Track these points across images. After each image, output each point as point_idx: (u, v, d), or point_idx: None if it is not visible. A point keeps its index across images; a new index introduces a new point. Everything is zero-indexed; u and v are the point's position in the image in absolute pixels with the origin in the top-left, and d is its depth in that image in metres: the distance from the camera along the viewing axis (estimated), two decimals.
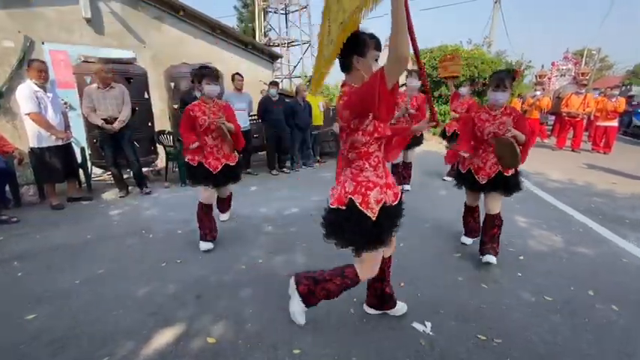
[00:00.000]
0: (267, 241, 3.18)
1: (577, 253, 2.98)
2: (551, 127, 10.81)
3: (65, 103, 5.68)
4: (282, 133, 5.97)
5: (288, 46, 20.19)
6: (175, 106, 5.06)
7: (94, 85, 4.30)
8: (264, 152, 6.64)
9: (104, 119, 4.28)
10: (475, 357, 1.78)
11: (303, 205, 4.25)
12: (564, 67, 15.45)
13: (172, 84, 5.85)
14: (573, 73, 15.76)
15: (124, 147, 4.52)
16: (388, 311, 2.08)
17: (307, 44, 20.41)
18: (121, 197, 4.48)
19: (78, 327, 2.00)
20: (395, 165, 4.63)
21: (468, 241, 3.13)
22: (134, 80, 5.03)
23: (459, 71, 5.06)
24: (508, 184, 2.59)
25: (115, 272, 2.65)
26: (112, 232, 3.44)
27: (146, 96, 5.36)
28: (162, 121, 6.58)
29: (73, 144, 4.46)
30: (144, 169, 5.10)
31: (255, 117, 6.45)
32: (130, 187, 4.75)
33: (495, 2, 15.24)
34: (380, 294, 2.03)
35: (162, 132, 5.40)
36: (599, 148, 8.18)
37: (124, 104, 4.48)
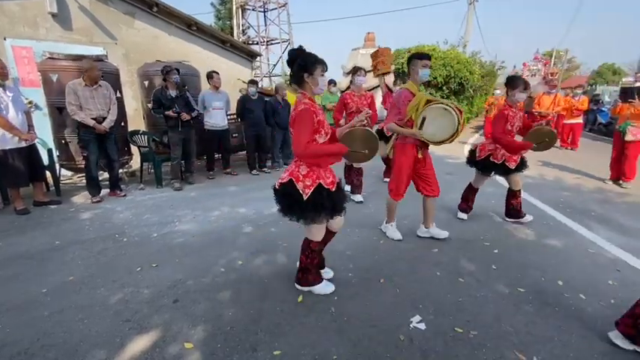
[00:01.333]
0: (246, 242, 3.14)
1: (547, 245, 3.11)
2: None
3: (30, 103, 5.38)
4: (262, 132, 5.90)
5: (267, 45, 20.00)
6: (150, 105, 4.89)
7: (78, 81, 4.06)
8: (244, 152, 6.55)
9: (93, 119, 4.09)
10: (452, 350, 1.82)
11: None
12: (535, 68, 16.12)
13: (146, 82, 5.67)
14: (543, 73, 16.47)
15: (108, 148, 4.34)
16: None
17: (287, 42, 20.28)
18: (95, 202, 4.28)
19: (45, 338, 1.90)
20: (347, 169, 4.47)
21: (465, 216, 3.73)
22: (105, 78, 4.81)
23: (389, 66, 5.00)
24: (525, 165, 3.46)
25: (86, 279, 2.53)
26: (83, 237, 3.29)
27: (118, 95, 5.14)
28: (136, 121, 6.36)
29: (38, 145, 4.23)
30: (118, 171, 4.91)
31: (234, 116, 6.35)
32: (102, 190, 4.55)
33: (470, 4, 15.68)
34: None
35: (135, 132, 5.21)
36: (567, 145, 8.64)
37: (112, 103, 4.30)
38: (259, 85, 7.99)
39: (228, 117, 6.00)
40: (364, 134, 2.34)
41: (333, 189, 2.07)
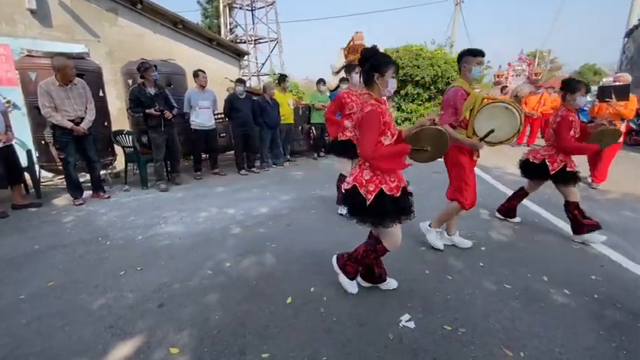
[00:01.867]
0: (234, 244, 3.09)
1: (532, 242, 3.16)
2: None
3: (8, 102, 5.18)
4: (251, 131, 5.84)
5: (255, 44, 19.83)
6: (130, 111, 4.69)
7: (51, 81, 3.87)
8: (232, 152, 6.47)
9: (71, 120, 3.93)
10: (441, 348, 1.82)
11: (272, 205, 4.18)
12: (519, 68, 16.46)
13: (130, 81, 5.53)
14: (527, 74, 16.82)
15: (87, 149, 4.20)
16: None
17: (275, 41, 20.15)
18: (77, 204, 4.15)
19: (23, 346, 1.82)
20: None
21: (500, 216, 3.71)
22: (86, 76, 4.67)
23: None
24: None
25: (67, 284, 2.44)
26: (64, 240, 3.18)
27: (101, 94, 5.01)
28: (120, 120, 6.21)
29: (16, 146, 4.08)
30: (101, 172, 4.78)
31: (221, 115, 6.27)
32: (85, 192, 4.42)
33: (456, 4, 15.90)
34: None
35: (119, 132, 5.09)
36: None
37: (88, 102, 4.16)
38: (247, 84, 7.92)
39: (216, 116, 5.92)
40: (435, 133, 2.17)
41: (398, 194, 1.99)
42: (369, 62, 1.93)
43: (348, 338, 1.89)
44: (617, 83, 5.19)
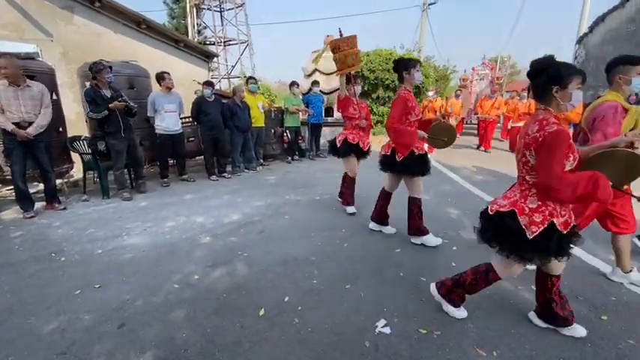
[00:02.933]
0: (204, 254, 2.94)
1: None
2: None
3: None
4: (220, 135, 5.65)
5: (225, 45, 19.43)
6: (91, 113, 4.32)
7: (1, 81, 3.57)
8: (202, 157, 6.24)
9: (15, 123, 3.60)
10: (417, 352, 1.81)
11: (244, 211, 4.05)
12: (482, 72, 17.29)
13: (88, 83, 5.17)
14: (490, 78, 17.69)
15: (39, 157, 3.85)
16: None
17: (245, 44, 19.86)
18: (28, 218, 3.80)
19: None
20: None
21: None
22: (37, 78, 4.32)
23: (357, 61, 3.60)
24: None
25: (14, 307, 2.20)
26: (12, 258, 2.89)
27: (54, 97, 4.65)
28: (78, 125, 5.82)
29: None
30: (57, 182, 4.42)
31: (189, 119, 6.04)
32: (37, 204, 4.06)
33: (423, 11, 16.42)
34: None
35: (76, 138, 4.74)
36: (515, 148, 8.95)
37: (43, 106, 3.82)
38: (216, 87, 7.70)
39: (182, 120, 5.69)
40: (631, 157, 1.77)
41: (566, 231, 1.70)
42: (547, 73, 1.66)
43: (323, 349, 1.83)
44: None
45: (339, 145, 3.88)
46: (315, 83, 7.59)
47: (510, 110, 9.04)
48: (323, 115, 7.99)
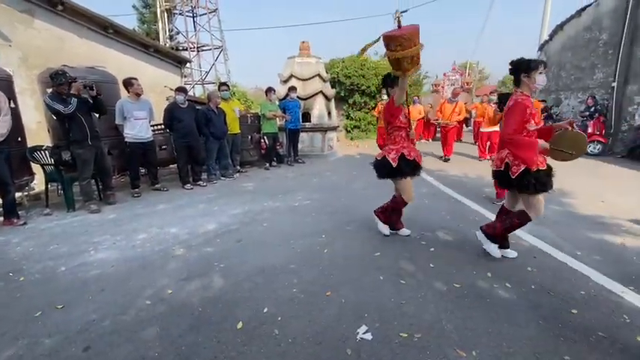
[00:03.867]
0: (177, 267, 2.81)
1: (475, 240, 3.33)
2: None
3: None
4: (194, 142, 5.50)
5: (198, 51, 19.06)
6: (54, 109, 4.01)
7: None
8: (176, 165, 6.04)
9: None
10: (398, 357, 1.80)
11: (220, 220, 3.94)
12: (453, 77, 17.96)
13: (49, 90, 4.89)
14: (461, 82, 18.39)
15: None
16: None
17: (219, 49, 19.58)
18: None
19: None
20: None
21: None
22: None
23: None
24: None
25: None
26: None
27: (12, 105, 4.35)
28: (40, 135, 5.48)
29: None
30: (16, 195, 4.12)
31: (160, 126, 5.84)
32: None
33: (395, 19, 16.87)
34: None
35: (37, 148, 4.46)
36: (484, 156, 7.80)
37: (1, 114, 3.56)
38: (190, 93, 7.51)
39: (154, 127, 5.49)
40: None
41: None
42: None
43: (304, 359, 1.78)
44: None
45: (395, 165, 3.06)
46: (292, 89, 7.57)
47: (480, 115, 8.98)
48: (300, 120, 7.96)
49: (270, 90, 7.25)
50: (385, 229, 3.42)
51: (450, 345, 1.88)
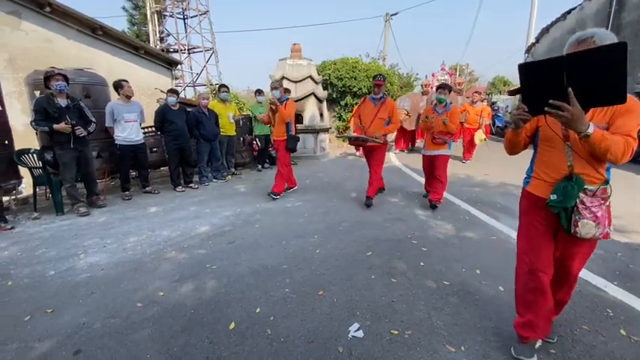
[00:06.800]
0: (169, 269, 2.81)
1: (464, 238, 3.40)
2: None
3: None
4: (186, 145, 5.47)
5: (189, 53, 18.97)
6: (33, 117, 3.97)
7: None
8: (167, 167, 5.99)
9: None
10: (390, 354, 1.83)
11: (213, 222, 3.93)
12: (442, 78, 18.17)
13: (37, 92, 4.83)
14: (450, 83, 18.52)
15: None
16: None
17: (210, 51, 19.51)
18: None
19: None
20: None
21: None
22: None
23: None
24: None
25: None
26: None
27: None
28: (27, 138, 5.38)
29: None
30: (3, 199, 4.05)
31: (151, 129, 5.80)
32: None
33: (386, 21, 17.03)
34: None
35: (25, 151, 4.39)
36: (468, 157, 7.91)
37: None
38: (181, 95, 7.47)
39: (144, 130, 5.45)
40: None
41: None
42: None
43: (297, 359, 1.80)
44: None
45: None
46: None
47: (470, 120, 7.89)
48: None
49: (258, 92, 7.27)
50: None
51: (440, 341, 1.92)
